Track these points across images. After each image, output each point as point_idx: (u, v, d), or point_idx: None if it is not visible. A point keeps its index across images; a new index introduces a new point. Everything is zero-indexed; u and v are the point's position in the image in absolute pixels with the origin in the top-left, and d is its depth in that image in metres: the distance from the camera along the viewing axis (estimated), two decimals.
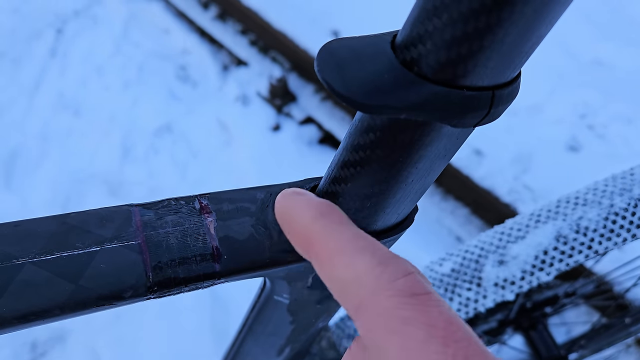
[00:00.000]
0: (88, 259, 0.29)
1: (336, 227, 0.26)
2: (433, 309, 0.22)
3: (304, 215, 0.27)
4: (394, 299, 0.22)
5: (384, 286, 0.22)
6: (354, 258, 0.24)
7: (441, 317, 0.21)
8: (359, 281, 0.23)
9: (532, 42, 0.22)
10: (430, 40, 0.21)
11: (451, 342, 0.20)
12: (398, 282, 0.23)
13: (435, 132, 0.25)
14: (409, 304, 0.22)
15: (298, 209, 0.27)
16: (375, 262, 0.23)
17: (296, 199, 0.28)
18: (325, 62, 0.24)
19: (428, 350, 0.20)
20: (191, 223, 0.32)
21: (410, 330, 0.21)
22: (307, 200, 0.28)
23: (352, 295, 0.23)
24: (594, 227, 0.53)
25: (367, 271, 0.23)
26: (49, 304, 0.28)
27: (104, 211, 0.31)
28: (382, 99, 0.23)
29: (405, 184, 0.29)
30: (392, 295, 0.22)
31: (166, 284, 0.30)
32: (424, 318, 0.21)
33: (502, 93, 0.24)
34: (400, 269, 0.23)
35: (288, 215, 0.28)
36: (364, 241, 0.25)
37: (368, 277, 0.23)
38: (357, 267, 0.24)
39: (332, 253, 0.25)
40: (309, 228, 0.26)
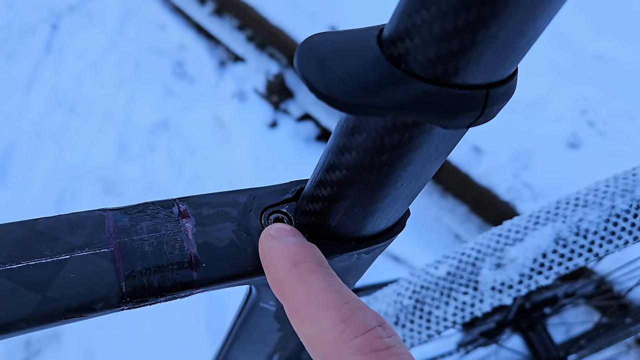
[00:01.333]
0: (56, 268, 0.27)
1: (307, 279, 0.26)
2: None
3: (278, 265, 0.27)
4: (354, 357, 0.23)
5: (345, 345, 0.23)
6: (319, 314, 0.25)
7: None
8: (322, 338, 0.24)
9: (528, 37, 0.20)
10: (418, 35, 0.20)
11: None
12: (357, 340, 0.23)
13: (426, 133, 0.24)
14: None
15: (274, 256, 0.28)
16: (339, 319, 0.24)
17: (272, 245, 0.28)
18: (305, 58, 0.22)
19: None
20: (168, 229, 0.30)
21: None
22: (283, 247, 0.28)
23: (317, 351, 0.24)
24: (595, 229, 0.51)
25: (330, 329, 0.24)
26: (13, 317, 0.26)
27: (74, 216, 0.30)
28: (366, 98, 0.21)
29: (394, 188, 0.27)
30: (352, 353, 0.23)
31: (140, 294, 0.28)
32: None
33: (497, 92, 0.22)
34: (361, 325, 0.24)
35: (266, 260, 0.29)
36: (332, 294, 0.25)
37: (330, 335, 0.24)
38: (321, 323, 0.24)
39: (299, 306, 0.26)
40: (282, 280, 0.27)
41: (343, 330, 0.23)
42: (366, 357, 0.22)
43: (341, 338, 0.23)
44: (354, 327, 0.24)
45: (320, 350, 0.24)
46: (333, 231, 0.31)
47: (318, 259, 0.28)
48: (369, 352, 0.23)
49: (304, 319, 0.25)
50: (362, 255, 0.33)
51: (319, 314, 0.24)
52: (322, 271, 0.27)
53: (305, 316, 0.25)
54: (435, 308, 0.55)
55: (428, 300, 0.55)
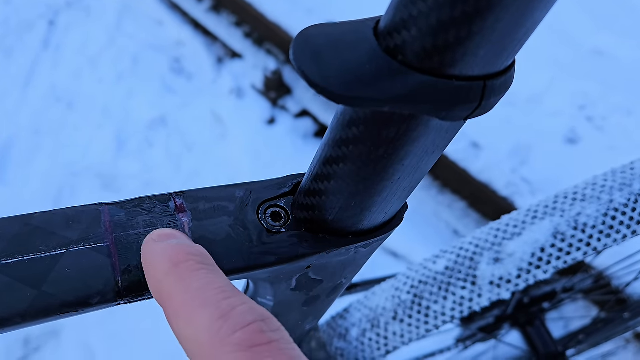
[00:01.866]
0: (52, 263, 0.27)
1: (187, 278, 0.24)
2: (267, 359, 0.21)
3: (157, 267, 0.26)
4: (230, 355, 0.21)
5: (221, 342, 0.21)
6: (195, 314, 0.23)
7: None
8: (198, 339, 0.22)
9: (526, 28, 0.20)
10: (415, 26, 0.20)
11: None
12: (235, 335, 0.21)
13: (423, 126, 0.24)
14: (246, 358, 0.21)
15: (154, 259, 0.26)
16: (216, 316, 0.22)
17: (154, 248, 0.27)
18: (301, 50, 0.22)
19: None
20: (164, 223, 0.30)
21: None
22: (163, 248, 0.26)
23: (194, 354, 0.22)
24: (593, 223, 0.51)
25: (206, 327, 0.22)
26: (9, 312, 0.26)
27: (70, 211, 0.29)
28: (363, 91, 0.21)
29: (391, 181, 0.27)
30: (229, 351, 0.21)
31: (136, 288, 0.28)
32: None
33: (495, 83, 0.22)
34: (240, 320, 0.22)
35: (146, 264, 0.27)
36: (213, 291, 0.23)
37: (207, 334, 0.22)
38: (197, 323, 0.22)
39: (177, 307, 0.24)
40: (161, 282, 0.25)
41: (220, 327, 0.22)
42: (245, 354, 0.21)
43: (218, 336, 0.22)
44: (233, 323, 0.22)
45: (196, 351, 0.22)
46: (330, 225, 0.31)
47: (202, 257, 0.26)
48: (247, 348, 0.21)
49: (180, 320, 0.23)
50: (360, 249, 0.33)
51: (196, 312, 0.23)
52: (205, 268, 0.25)
53: (182, 317, 0.23)
54: (433, 303, 0.55)
55: (426, 295, 0.55)
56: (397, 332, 0.56)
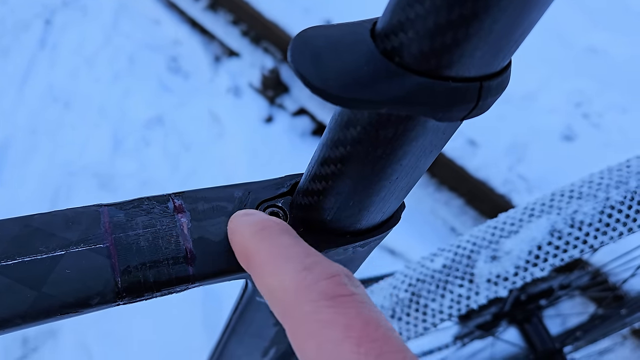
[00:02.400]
0: (52, 264, 0.27)
1: (272, 238, 0.26)
2: (351, 310, 0.22)
3: (244, 231, 0.27)
4: (314, 303, 0.22)
5: (306, 290, 0.23)
6: (282, 265, 0.24)
7: (359, 318, 0.21)
8: (284, 287, 0.23)
9: (522, 30, 0.20)
10: (412, 28, 0.20)
11: (365, 342, 0.20)
12: (319, 284, 0.23)
13: (420, 126, 0.24)
14: (329, 306, 0.22)
15: (241, 227, 0.28)
16: (300, 268, 0.24)
17: (242, 219, 0.29)
18: (299, 52, 0.22)
19: (342, 351, 0.20)
20: (163, 224, 0.30)
21: (327, 333, 0.21)
22: (252, 218, 0.28)
23: (278, 302, 0.24)
24: (590, 221, 0.51)
25: (292, 277, 0.23)
26: (9, 313, 0.26)
27: (70, 212, 0.30)
28: (361, 92, 0.21)
29: (389, 181, 0.27)
30: (312, 299, 0.22)
31: (136, 289, 0.28)
32: (342, 319, 0.21)
33: (491, 84, 0.22)
34: (324, 272, 0.23)
35: (233, 233, 0.28)
36: (296, 248, 0.25)
37: (291, 282, 0.23)
38: (283, 273, 0.24)
39: (263, 262, 0.25)
40: (248, 242, 0.27)
41: (305, 277, 0.23)
42: (328, 302, 0.22)
43: (303, 284, 0.23)
44: (317, 273, 0.23)
45: (281, 301, 0.23)
46: (328, 225, 0.31)
47: (285, 226, 0.27)
48: (330, 298, 0.22)
49: (266, 271, 0.25)
50: (357, 249, 0.33)
51: (282, 265, 0.24)
52: (288, 233, 0.27)
53: (268, 269, 0.25)
54: (431, 301, 0.55)
55: (424, 293, 0.55)
56: (395, 330, 0.56)
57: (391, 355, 0.20)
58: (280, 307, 0.24)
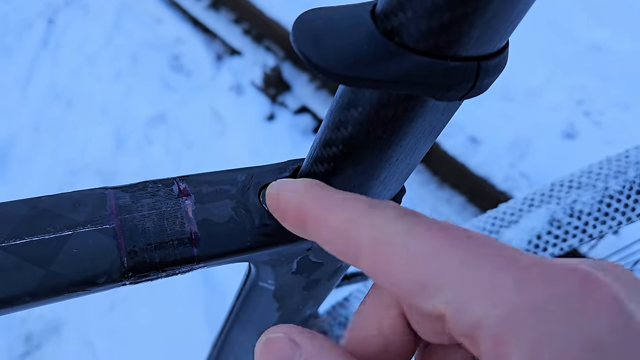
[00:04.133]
0: (59, 244, 0.28)
1: (326, 192, 0.26)
2: (434, 223, 0.22)
3: (295, 190, 0.27)
4: (392, 220, 0.22)
5: (380, 215, 0.23)
6: (347, 206, 0.24)
7: (434, 224, 0.22)
8: (355, 222, 0.23)
9: (519, 9, 0.21)
10: (410, 8, 0.20)
11: (453, 238, 0.21)
12: (390, 210, 0.23)
13: (419, 106, 0.24)
14: (408, 219, 0.22)
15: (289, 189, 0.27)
16: (367, 205, 0.24)
17: (287, 182, 0.28)
18: (301, 32, 0.23)
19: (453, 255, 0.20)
20: (168, 206, 0.31)
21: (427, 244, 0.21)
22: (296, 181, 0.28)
23: (351, 239, 0.23)
24: (589, 210, 0.52)
25: (360, 213, 0.23)
26: (18, 291, 0.27)
27: (77, 194, 0.30)
28: (361, 71, 0.22)
29: (389, 163, 0.28)
30: (387, 220, 0.22)
31: (142, 268, 0.29)
32: (423, 225, 0.22)
33: (489, 64, 0.23)
34: (390, 203, 0.24)
35: (280, 197, 0.27)
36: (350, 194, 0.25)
37: (362, 217, 0.23)
38: (351, 212, 0.24)
39: (325, 212, 0.25)
40: (301, 200, 0.26)
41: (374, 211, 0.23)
42: (407, 217, 0.22)
43: (376, 211, 0.23)
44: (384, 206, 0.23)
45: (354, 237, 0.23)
46: None
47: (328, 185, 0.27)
48: (412, 215, 0.22)
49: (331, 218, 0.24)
50: None
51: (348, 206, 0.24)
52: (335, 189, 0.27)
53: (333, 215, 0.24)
54: None
55: None
56: None
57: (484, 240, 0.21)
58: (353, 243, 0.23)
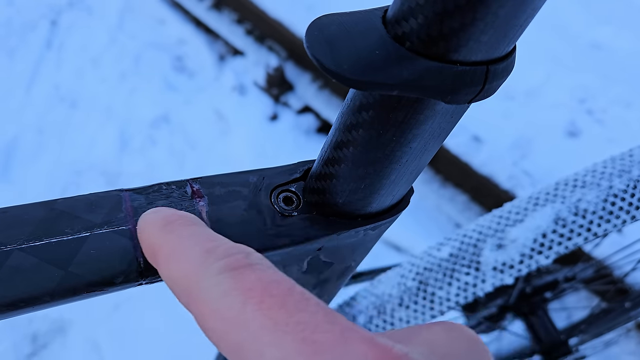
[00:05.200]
0: (77, 245, 0.28)
1: (177, 231, 0.26)
2: (251, 275, 0.21)
3: (150, 228, 0.27)
4: (213, 279, 0.22)
5: (205, 270, 0.22)
6: (184, 253, 0.24)
7: (259, 281, 0.21)
8: (186, 273, 0.23)
9: (527, 15, 0.21)
10: (421, 14, 0.21)
11: (267, 298, 0.20)
12: (219, 263, 0.22)
13: (429, 109, 0.25)
14: (229, 277, 0.22)
15: (146, 225, 0.28)
16: (202, 252, 0.23)
17: (148, 217, 0.28)
18: (314, 38, 0.23)
19: (246, 313, 0.20)
20: (182, 207, 0.31)
21: (227, 302, 0.21)
22: (157, 215, 0.28)
23: (182, 290, 0.23)
24: (593, 209, 0.52)
25: (193, 262, 0.23)
26: (38, 291, 0.27)
27: (93, 197, 0.31)
28: (373, 76, 0.23)
29: (399, 164, 0.28)
30: (211, 275, 0.22)
31: None
32: (241, 285, 0.21)
33: (497, 68, 0.23)
34: (224, 252, 0.23)
35: (140, 231, 0.28)
36: (200, 236, 0.25)
37: (192, 267, 0.23)
38: (185, 261, 0.24)
39: (167, 255, 0.25)
40: (153, 237, 0.27)
41: (206, 259, 0.23)
42: (228, 274, 0.22)
43: (203, 265, 0.23)
44: (217, 255, 0.23)
45: (183, 286, 0.23)
46: (340, 208, 0.32)
47: (193, 219, 0.27)
48: (230, 270, 0.22)
49: (170, 264, 0.24)
50: (368, 232, 0.34)
51: (185, 253, 0.24)
52: (196, 225, 0.27)
53: (171, 261, 0.24)
54: (438, 289, 0.56)
55: (431, 282, 0.57)
56: (403, 318, 0.57)
57: (293, 306, 0.20)
58: (183, 294, 0.23)
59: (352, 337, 0.19)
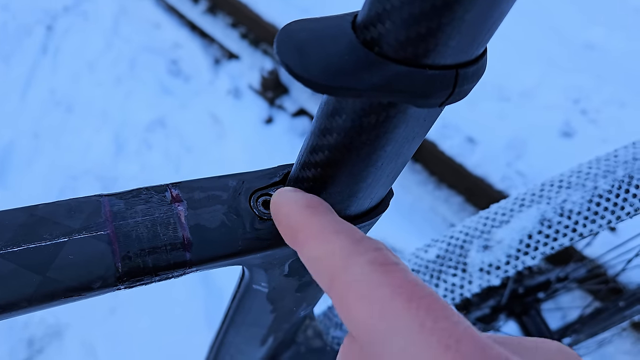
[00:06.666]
0: (56, 250, 0.29)
1: (321, 214, 0.28)
2: (398, 274, 0.23)
3: (292, 206, 0.29)
4: (363, 268, 0.24)
5: (356, 258, 0.24)
6: (331, 237, 0.26)
7: (406, 280, 0.23)
8: (333, 256, 0.25)
9: (494, 19, 0.21)
10: (389, 19, 0.21)
11: (415, 298, 0.22)
12: (368, 254, 0.24)
13: (401, 113, 0.25)
14: (378, 271, 0.23)
15: (288, 203, 0.29)
16: (349, 241, 0.25)
17: (289, 195, 0.30)
18: (284, 44, 0.24)
19: (394, 307, 0.22)
20: (161, 212, 0.32)
21: (378, 293, 0.22)
22: (298, 195, 0.30)
23: (327, 270, 0.25)
24: (578, 209, 0.53)
25: (341, 247, 0.25)
26: (16, 297, 0.27)
27: (73, 202, 0.31)
28: (342, 81, 0.23)
29: (374, 167, 0.29)
30: (361, 265, 0.24)
31: (136, 273, 0.30)
32: (390, 280, 0.23)
33: (467, 72, 0.24)
34: (371, 245, 0.25)
35: (280, 208, 0.30)
36: (342, 225, 0.27)
37: (341, 252, 0.25)
38: (333, 244, 0.25)
39: (312, 236, 0.27)
40: (296, 217, 0.28)
41: (355, 247, 0.25)
42: (378, 267, 0.23)
43: (354, 252, 0.24)
44: (365, 245, 0.25)
45: (329, 266, 0.25)
46: None
47: (329, 207, 0.29)
48: (380, 264, 0.23)
49: (316, 245, 0.26)
50: None
51: (332, 237, 0.26)
52: (334, 214, 0.28)
53: (317, 241, 0.26)
54: None
55: None
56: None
57: (439, 312, 0.21)
58: (327, 274, 0.25)
59: (492, 354, 0.20)
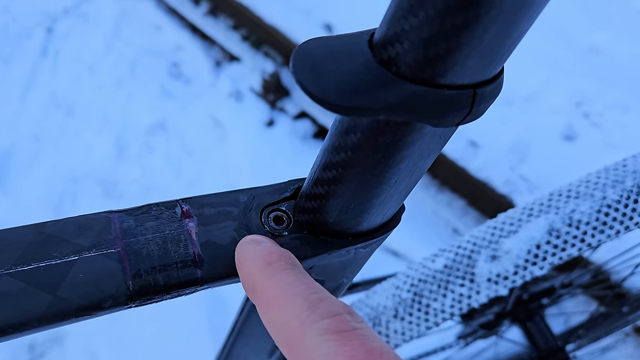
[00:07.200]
0: (66, 269, 0.28)
1: (278, 274, 0.27)
2: (355, 342, 0.23)
3: (252, 265, 0.28)
4: (318, 338, 0.23)
5: (310, 327, 0.24)
6: (287, 303, 0.25)
7: (362, 348, 0.22)
8: (289, 325, 0.25)
9: (513, 39, 0.21)
10: (407, 39, 0.21)
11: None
12: (323, 322, 0.24)
13: (417, 132, 0.25)
14: (332, 340, 0.23)
15: (249, 259, 0.29)
16: (306, 306, 0.25)
17: (248, 249, 0.30)
18: (300, 63, 0.23)
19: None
20: (172, 229, 0.31)
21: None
22: (258, 249, 0.29)
23: (284, 339, 0.25)
24: (587, 220, 0.52)
25: (297, 315, 0.25)
26: (26, 316, 0.27)
27: (82, 219, 0.31)
28: (359, 100, 0.22)
29: (388, 185, 0.28)
30: (316, 334, 0.23)
31: (147, 292, 0.29)
32: (346, 350, 0.22)
33: (484, 91, 0.23)
34: (328, 310, 0.24)
35: (242, 265, 0.29)
36: (302, 286, 0.26)
37: (296, 320, 0.24)
38: (288, 311, 0.25)
39: (269, 299, 0.26)
40: (255, 277, 0.28)
41: (310, 315, 0.24)
42: (332, 337, 0.23)
43: (307, 321, 0.24)
44: (321, 312, 0.24)
45: (286, 335, 0.25)
46: (331, 227, 0.32)
47: (291, 260, 0.29)
48: (334, 332, 0.23)
49: (273, 309, 0.26)
50: (359, 250, 0.34)
51: (288, 302, 0.25)
52: (294, 269, 0.28)
53: (274, 307, 0.26)
54: (433, 300, 0.56)
55: (426, 293, 0.56)
56: (398, 330, 0.57)
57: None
58: (285, 343, 0.25)
59: None
